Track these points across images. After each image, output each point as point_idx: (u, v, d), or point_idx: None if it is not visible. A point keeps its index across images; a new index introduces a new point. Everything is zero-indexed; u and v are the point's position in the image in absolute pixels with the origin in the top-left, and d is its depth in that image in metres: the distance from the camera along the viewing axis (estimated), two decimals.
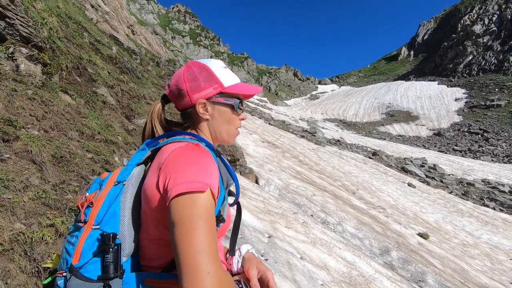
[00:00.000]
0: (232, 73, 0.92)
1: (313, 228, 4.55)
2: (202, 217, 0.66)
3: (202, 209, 0.67)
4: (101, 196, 0.79)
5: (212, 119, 0.90)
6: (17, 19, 3.40)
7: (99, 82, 5.01)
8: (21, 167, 1.92)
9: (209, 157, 0.77)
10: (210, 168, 0.74)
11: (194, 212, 0.66)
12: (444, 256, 6.15)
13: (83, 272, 0.70)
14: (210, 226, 0.67)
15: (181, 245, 0.63)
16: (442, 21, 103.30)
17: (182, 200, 0.66)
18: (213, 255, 0.64)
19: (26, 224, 1.50)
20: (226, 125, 0.91)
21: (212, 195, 0.71)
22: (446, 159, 25.08)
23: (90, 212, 0.77)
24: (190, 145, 0.78)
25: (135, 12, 75.64)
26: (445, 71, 76.65)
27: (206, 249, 0.63)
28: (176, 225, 0.65)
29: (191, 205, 0.66)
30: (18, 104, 2.51)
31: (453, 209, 11.81)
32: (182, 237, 0.63)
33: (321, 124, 42.41)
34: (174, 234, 0.65)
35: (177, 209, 0.66)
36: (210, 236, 0.65)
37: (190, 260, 0.61)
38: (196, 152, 0.76)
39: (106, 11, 14.34)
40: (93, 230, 0.74)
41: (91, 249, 0.72)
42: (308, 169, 10.61)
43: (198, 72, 0.87)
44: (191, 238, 0.63)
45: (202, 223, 0.65)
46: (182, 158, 0.73)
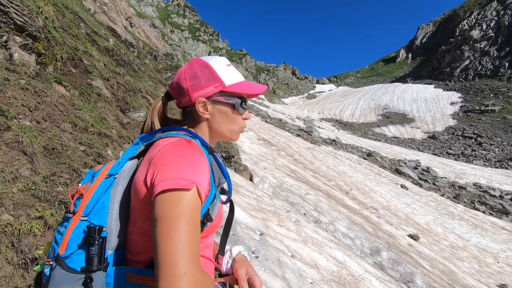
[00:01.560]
0: (235, 71, 0.90)
1: (305, 227, 4.57)
2: (185, 216, 0.65)
3: (186, 208, 0.66)
4: (92, 188, 0.79)
5: (212, 118, 0.89)
6: (12, 7, 3.34)
7: (95, 74, 4.95)
8: (11, 158, 1.90)
9: (200, 154, 0.76)
10: (200, 165, 0.73)
11: (177, 211, 0.65)
12: (433, 258, 6.24)
13: (68, 262, 0.71)
14: (193, 226, 0.66)
15: (160, 244, 0.62)
16: (441, 25, 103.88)
17: (166, 197, 0.66)
18: (193, 256, 0.63)
19: (14, 215, 1.48)
20: (227, 124, 0.90)
21: (198, 194, 0.69)
22: (439, 162, 25.34)
23: (80, 203, 0.77)
24: (182, 141, 0.77)
25: (134, 4, 74.78)
26: (442, 75, 77.23)
27: (186, 250, 0.62)
28: (158, 222, 0.64)
29: (175, 203, 0.65)
30: (10, 94, 2.47)
31: (444, 211, 11.96)
32: (162, 235, 0.63)
33: (317, 124, 42.52)
34: (155, 231, 0.64)
35: (160, 205, 0.66)
36: (192, 237, 0.64)
37: (167, 260, 0.60)
38: (186, 148, 0.75)
39: (104, 1, 14.16)
40: (81, 221, 0.74)
41: (77, 240, 0.72)
42: (302, 168, 10.65)
43: (199, 70, 0.86)
44: (171, 237, 0.62)
45: (184, 222, 0.64)
46: (172, 153, 0.72)
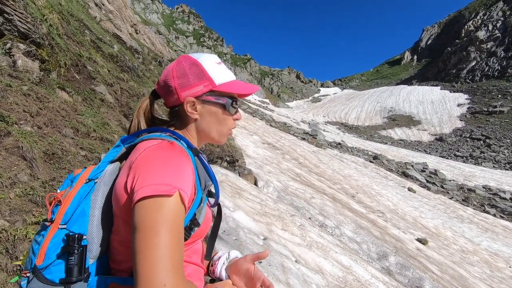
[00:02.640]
0: (226, 70, 0.86)
1: (310, 231, 4.50)
2: (166, 224, 0.61)
3: (167, 215, 0.62)
4: (71, 194, 0.74)
5: (202, 118, 0.85)
6: (16, 14, 3.39)
7: (98, 80, 4.99)
8: (10, 163, 1.90)
9: (183, 156, 0.72)
10: (183, 169, 0.69)
11: (157, 218, 0.61)
12: (443, 262, 6.08)
13: (45, 274, 0.66)
14: (174, 234, 0.62)
15: (139, 253, 0.59)
16: (446, 26, 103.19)
17: (146, 204, 0.62)
18: (174, 266, 0.59)
19: (10, 221, 1.46)
20: (216, 125, 0.86)
21: (181, 200, 0.65)
22: (447, 165, 24.95)
23: (58, 210, 0.72)
24: (164, 144, 0.73)
25: (140, 11, 75.96)
26: (448, 76, 76.49)
27: (166, 260, 0.58)
28: (137, 230, 0.61)
29: (155, 210, 0.62)
30: (12, 100, 2.48)
31: (453, 215, 11.72)
32: (141, 244, 0.59)
33: (322, 127, 42.34)
34: (134, 240, 0.61)
35: (140, 213, 0.62)
36: (173, 246, 0.61)
37: (146, 270, 0.57)
38: (169, 151, 0.71)
39: (110, 9, 14.38)
40: (60, 229, 0.69)
41: (56, 250, 0.67)
42: (307, 171, 10.56)
43: (188, 67, 0.82)
44: (150, 247, 0.59)
45: (164, 230, 0.60)
46: (153, 157, 0.68)
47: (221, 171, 5.79)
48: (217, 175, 5.38)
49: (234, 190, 4.98)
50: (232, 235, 3.31)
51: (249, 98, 66.56)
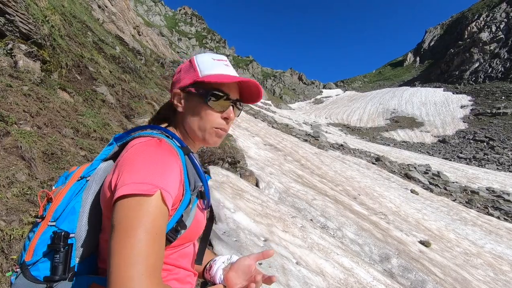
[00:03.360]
0: (222, 65, 0.82)
1: (311, 233, 4.47)
2: (144, 225, 0.59)
3: (145, 215, 0.60)
4: (62, 192, 0.74)
5: (185, 112, 0.82)
6: (17, 15, 3.40)
7: (100, 81, 5.00)
8: (8, 162, 1.89)
9: (170, 155, 0.70)
10: (167, 167, 0.67)
11: (134, 219, 0.59)
12: (446, 265, 6.02)
13: (32, 270, 0.66)
14: (153, 236, 0.59)
15: (113, 254, 0.57)
16: (449, 27, 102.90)
17: (125, 203, 0.60)
18: (148, 270, 0.56)
19: (7, 221, 1.45)
20: (198, 120, 0.81)
21: (163, 200, 0.63)
22: (450, 167, 24.79)
23: (49, 207, 0.72)
24: (152, 141, 0.71)
25: (143, 13, 76.41)
26: (451, 78, 76.18)
27: (140, 262, 0.56)
28: (114, 230, 0.59)
29: (133, 210, 0.59)
30: (12, 100, 2.48)
31: (456, 217, 11.62)
32: (117, 245, 0.57)
33: (324, 129, 42.26)
34: (111, 239, 0.59)
35: (118, 212, 0.60)
36: (149, 247, 0.58)
37: (118, 272, 0.55)
38: (155, 149, 0.69)
39: (112, 11, 14.46)
40: (49, 226, 0.69)
41: (44, 247, 0.67)
42: (309, 173, 10.52)
43: (185, 64, 0.84)
44: (125, 248, 0.56)
45: (141, 232, 0.58)
46: (137, 155, 0.67)
47: (222, 172, 5.78)
48: (218, 176, 5.37)
49: (235, 191, 4.96)
50: (233, 236, 3.29)
51: None
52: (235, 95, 0.84)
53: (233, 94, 0.83)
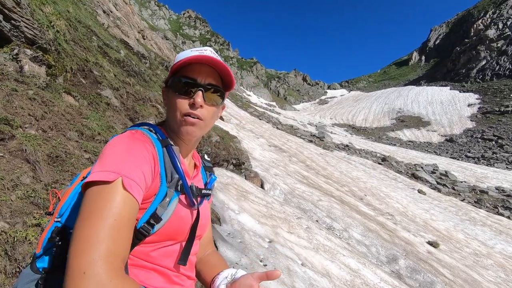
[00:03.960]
0: (194, 52, 0.79)
1: (317, 234, 4.43)
2: (100, 212, 0.58)
3: (102, 202, 0.59)
4: (68, 190, 0.79)
5: (166, 106, 0.84)
6: (23, 21, 3.45)
7: (104, 84, 5.04)
8: (13, 165, 1.90)
9: (140, 145, 0.69)
10: (133, 156, 0.66)
11: (92, 206, 0.59)
12: (455, 266, 5.91)
13: (38, 262, 0.70)
14: (110, 222, 0.58)
15: (72, 240, 0.57)
16: (454, 25, 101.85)
17: (88, 191, 0.61)
18: (101, 256, 0.54)
19: (11, 223, 1.46)
20: (170, 110, 0.80)
21: (123, 187, 0.61)
22: (458, 166, 24.45)
23: (58, 205, 0.78)
24: (126, 133, 0.73)
25: (147, 17, 77.15)
26: (457, 76, 75.30)
27: (91, 248, 0.54)
28: (77, 217, 0.60)
29: (93, 198, 0.60)
30: (17, 104, 2.51)
31: (465, 217, 11.43)
32: (75, 231, 0.57)
33: (329, 129, 42.06)
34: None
35: (83, 200, 0.62)
36: (105, 233, 0.57)
37: (71, 257, 0.54)
38: (125, 139, 0.69)
39: (117, 16, 14.62)
40: (55, 222, 0.74)
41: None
42: (315, 174, 10.46)
43: None
44: (79, 233, 0.56)
45: (97, 217, 0.58)
46: (109, 146, 0.68)
47: (227, 174, 5.78)
48: (223, 177, 5.36)
49: (240, 192, 4.94)
50: (237, 238, 3.27)
51: (256, 101, 66.66)
52: (208, 80, 0.79)
53: (204, 79, 0.78)
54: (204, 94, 0.77)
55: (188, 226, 0.80)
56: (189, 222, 0.80)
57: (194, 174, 0.89)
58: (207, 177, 0.95)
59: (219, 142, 7.38)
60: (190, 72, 0.77)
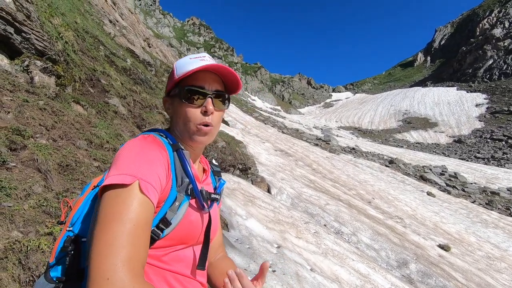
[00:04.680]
0: (197, 61, 0.80)
1: (325, 239, 4.39)
2: (119, 215, 0.59)
3: (120, 206, 0.60)
4: (80, 200, 0.80)
5: (173, 116, 0.84)
6: (33, 33, 3.54)
7: (112, 93, 5.12)
8: (25, 175, 1.94)
9: (154, 149, 0.71)
10: (148, 159, 0.67)
11: (110, 210, 0.60)
12: (467, 270, 5.79)
13: (51, 271, 0.71)
14: (129, 226, 0.59)
15: (91, 246, 0.57)
16: (459, 25, 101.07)
17: (106, 195, 0.62)
18: (122, 260, 0.55)
19: (24, 232, 1.49)
20: (181, 120, 0.80)
21: (140, 189, 0.62)
22: (467, 167, 24.05)
23: (69, 214, 0.79)
24: (140, 137, 0.75)
25: (152, 26, 78.31)
26: (464, 76, 74.47)
27: (113, 253, 0.55)
28: (95, 222, 0.60)
29: (110, 201, 0.61)
30: (29, 114, 2.57)
31: (477, 219, 11.21)
32: (94, 237, 0.58)
33: (335, 132, 41.86)
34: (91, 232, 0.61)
35: (100, 204, 0.62)
36: (123, 238, 0.57)
37: (92, 264, 0.55)
38: (140, 142, 0.71)
39: (123, 25, 14.88)
40: (67, 231, 0.74)
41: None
42: (321, 177, 10.40)
43: (171, 71, 0.86)
44: (100, 240, 0.57)
45: (116, 223, 0.58)
46: (123, 150, 0.69)
47: (234, 179, 5.78)
48: (230, 183, 5.37)
49: (247, 198, 4.94)
50: (245, 244, 3.26)
51: (261, 105, 66.79)
52: (214, 86, 0.81)
53: (210, 86, 0.80)
54: (213, 100, 0.80)
55: (198, 230, 0.80)
56: (199, 226, 0.80)
57: (203, 178, 0.90)
58: (216, 182, 0.96)
59: (225, 148, 7.41)
60: (196, 81, 0.79)
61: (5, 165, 1.91)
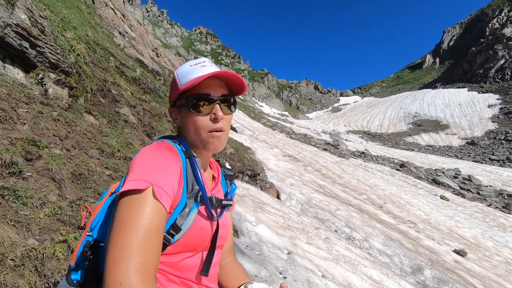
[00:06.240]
0: (199, 69, 0.80)
1: (336, 244, 4.34)
2: (133, 221, 0.61)
3: (135, 212, 0.62)
4: (99, 206, 0.82)
5: (182, 125, 0.84)
6: (47, 47, 3.66)
7: (122, 102, 5.23)
8: (41, 184, 2.00)
9: (168, 155, 0.72)
10: (163, 165, 0.69)
11: (125, 216, 0.62)
12: (485, 276, 5.61)
13: (72, 274, 0.74)
14: (142, 232, 0.60)
15: (107, 251, 0.59)
16: (468, 26, 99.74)
17: (121, 201, 0.64)
18: (134, 265, 0.57)
19: (39, 240, 1.53)
20: (192, 129, 0.81)
21: (154, 195, 0.64)
22: (482, 170, 23.45)
23: (89, 219, 0.81)
24: (154, 143, 0.76)
25: (160, 36, 79.89)
26: (475, 77, 73.15)
27: (126, 259, 0.57)
28: (111, 228, 0.62)
29: (125, 207, 0.63)
30: (43, 125, 2.65)
31: (494, 223, 10.88)
32: (109, 241, 0.60)
33: (344, 136, 41.52)
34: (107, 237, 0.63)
35: (116, 210, 0.64)
36: (137, 244, 0.59)
37: (107, 268, 0.57)
38: (154, 149, 0.73)
39: (132, 36, 15.23)
40: (87, 236, 0.77)
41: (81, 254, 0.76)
42: (331, 182, 10.31)
43: (173, 80, 0.86)
44: (115, 245, 0.59)
45: (130, 228, 0.60)
46: (138, 157, 0.71)
47: (243, 185, 5.79)
48: (239, 189, 5.38)
49: (256, 204, 4.94)
50: (255, 250, 3.25)
51: (268, 111, 66.90)
52: (220, 92, 0.81)
53: (216, 92, 0.80)
54: (220, 106, 0.80)
55: (208, 236, 0.81)
56: (209, 233, 0.81)
57: (213, 185, 0.90)
58: (227, 187, 0.96)
59: (234, 154, 7.44)
60: (201, 89, 0.79)
61: (21, 175, 1.97)
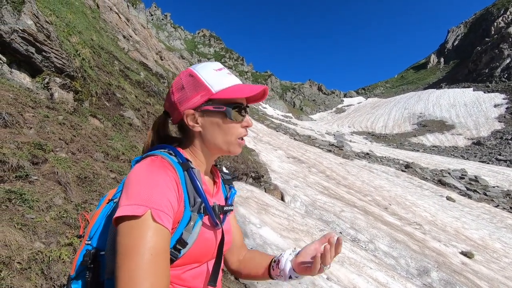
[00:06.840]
0: (226, 75, 0.81)
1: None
2: (136, 248, 0.60)
3: (136, 238, 0.61)
4: (96, 213, 0.81)
5: (205, 130, 0.80)
6: (52, 52, 3.71)
7: (126, 106, 5.28)
8: (47, 188, 2.02)
9: (163, 172, 0.70)
10: (157, 185, 0.67)
11: (127, 242, 0.61)
12: (494, 278, 5.53)
13: (73, 284, 0.73)
14: (147, 256, 0.60)
15: (116, 279, 0.59)
16: (472, 25, 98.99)
17: (120, 227, 0.63)
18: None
19: (46, 243, 1.54)
20: (222, 135, 0.80)
21: (153, 218, 0.63)
22: (489, 170, 23.17)
23: (87, 228, 0.80)
24: (148, 159, 0.73)
25: (164, 39, 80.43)
26: (480, 77, 72.48)
27: (137, 284, 0.57)
28: (116, 254, 0.62)
29: (126, 234, 0.62)
30: (49, 129, 2.68)
31: (501, 224, 10.73)
32: (116, 270, 0.60)
33: (348, 138, 41.35)
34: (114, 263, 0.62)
35: (117, 236, 0.63)
36: (145, 269, 0.59)
37: None
38: (148, 167, 0.70)
39: (136, 40, 15.36)
40: (86, 245, 0.76)
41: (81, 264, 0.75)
42: (335, 184, 10.26)
43: (185, 80, 0.80)
44: (121, 273, 0.59)
45: (135, 255, 0.60)
46: (134, 175, 0.69)
47: (247, 188, 5.79)
48: (243, 191, 5.38)
49: (260, 206, 4.93)
50: None
51: (271, 113, 66.92)
52: (245, 101, 0.84)
53: (244, 101, 0.84)
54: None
55: (213, 246, 0.81)
56: (214, 243, 0.81)
57: (215, 191, 0.89)
58: (226, 191, 0.95)
59: (237, 156, 7.44)
60: (238, 98, 0.81)
61: (28, 179, 1.99)
